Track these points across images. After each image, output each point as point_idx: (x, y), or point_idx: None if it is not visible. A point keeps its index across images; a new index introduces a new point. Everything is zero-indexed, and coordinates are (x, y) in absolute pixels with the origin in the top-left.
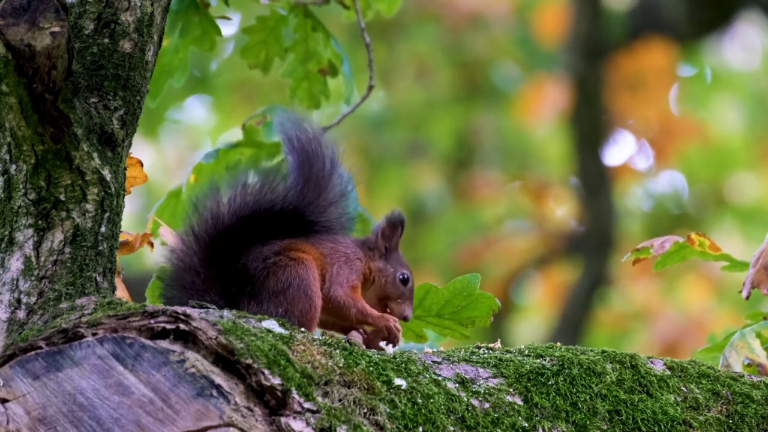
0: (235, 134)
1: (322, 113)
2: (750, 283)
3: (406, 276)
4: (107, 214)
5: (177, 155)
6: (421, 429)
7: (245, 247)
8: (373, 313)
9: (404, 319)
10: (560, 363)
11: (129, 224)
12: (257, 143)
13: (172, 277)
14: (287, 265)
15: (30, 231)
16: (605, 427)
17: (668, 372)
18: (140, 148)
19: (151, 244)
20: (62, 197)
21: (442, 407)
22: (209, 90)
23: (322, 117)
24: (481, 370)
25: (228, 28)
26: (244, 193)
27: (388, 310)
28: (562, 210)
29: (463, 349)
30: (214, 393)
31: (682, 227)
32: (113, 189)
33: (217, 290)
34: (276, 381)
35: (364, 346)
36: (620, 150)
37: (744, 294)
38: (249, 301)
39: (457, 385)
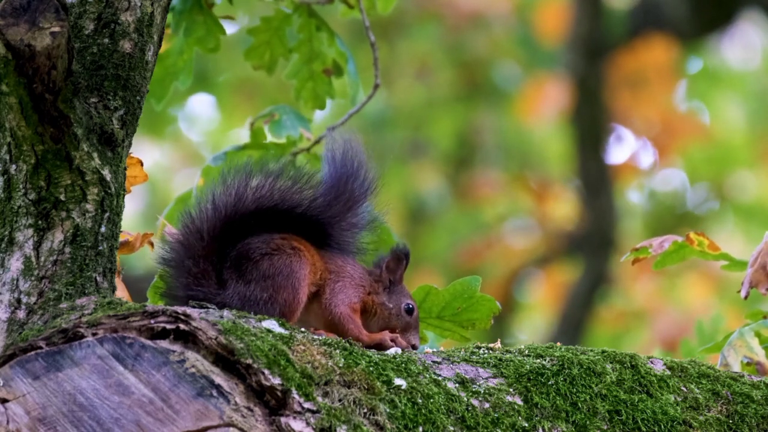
0: (238, 133)
1: (327, 111)
2: (748, 283)
3: (411, 306)
4: (107, 214)
5: (178, 154)
6: (421, 429)
7: (254, 233)
8: (365, 334)
9: (413, 348)
10: (560, 363)
11: (130, 224)
12: (264, 145)
13: (177, 237)
14: (285, 252)
15: (30, 231)
16: (605, 427)
17: (668, 372)
18: (141, 147)
19: (152, 244)
20: (62, 197)
21: (442, 407)
22: (211, 88)
23: (327, 114)
24: (481, 370)
25: (231, 28)
26: (273, 185)
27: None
28: (563, 209)
29: (463, 349)
30: (214, 393)
31: (683, 225)
32: (113, 189)
33: (212, 261)
34: (276, 381)
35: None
36: (621, 149)
37: (743, 294)
38: (237, 279)
39: (457, 385)
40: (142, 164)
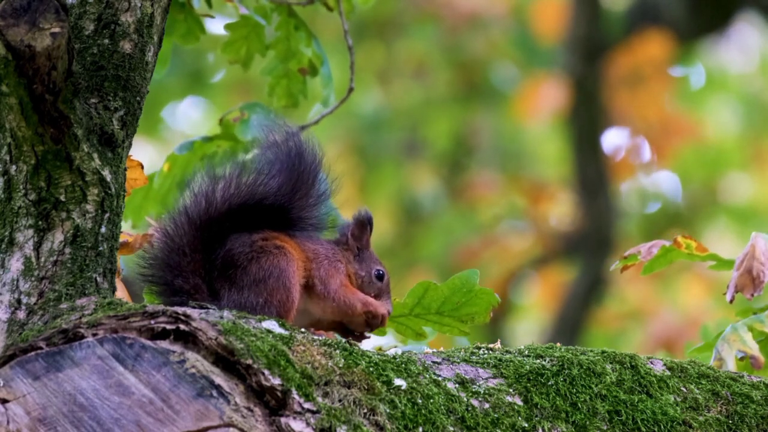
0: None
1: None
2: (734, 287)
3: (381, 272)
4: (107, 215)
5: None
6: (421, 429)
7: (233, 234)
8: (373, 301)
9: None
10: (560, 363)
11: (129, 224)
12: (233, 137)
13: (158, 256)
14: (271, 253)
15: (30, 231)
16: (605, 428)
17: (668, 372)
18: (139, 148)
19: (151, 245)
20: (62, 198)
21: (442, 407)
22: (206, 90)
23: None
24: (481, 370)
25: (218, 27)
26: (239, 182)
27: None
28: (560, 210)
29: (463, 350)
30: (214, 393)
31: (677, 227)
32: (113, 189)
33: (200, 274)
34: (276, 381)
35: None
36: (618, 149)
37: (728, 298)
38: (230, 287)
39: (457, 385)
40: (142, 167)
